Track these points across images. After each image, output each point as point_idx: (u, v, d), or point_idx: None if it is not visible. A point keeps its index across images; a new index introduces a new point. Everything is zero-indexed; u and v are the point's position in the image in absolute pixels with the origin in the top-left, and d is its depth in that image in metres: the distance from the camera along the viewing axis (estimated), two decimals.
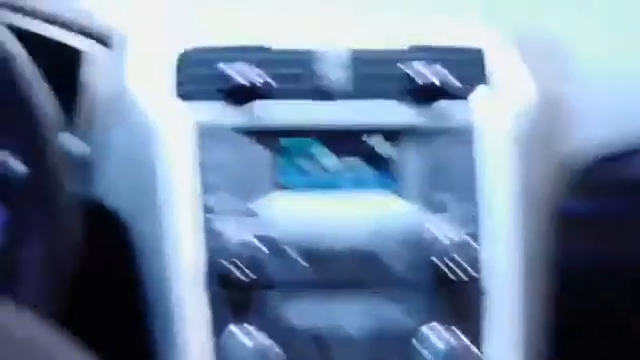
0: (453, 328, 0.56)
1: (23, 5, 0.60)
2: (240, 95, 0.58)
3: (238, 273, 0.54)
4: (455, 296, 0.57)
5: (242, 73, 0.58)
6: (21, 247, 0.50)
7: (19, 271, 0.50)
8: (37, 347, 0.28)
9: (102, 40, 0.61)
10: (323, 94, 0.59)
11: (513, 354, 0.57)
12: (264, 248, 0.55)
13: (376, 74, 0.60)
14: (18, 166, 0.49)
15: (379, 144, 0.59)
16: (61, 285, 0.51)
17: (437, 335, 0.56)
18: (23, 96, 0.49)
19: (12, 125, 0.50)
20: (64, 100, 0.55)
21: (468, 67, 0.61)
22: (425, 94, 0.59)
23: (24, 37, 0.53)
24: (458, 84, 0.59)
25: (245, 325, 0.55)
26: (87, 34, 0.61)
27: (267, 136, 0.58)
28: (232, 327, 0.55)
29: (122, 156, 0.58)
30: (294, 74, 0.60)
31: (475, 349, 0.56)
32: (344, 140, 0.59)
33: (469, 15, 0.65)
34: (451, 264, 0.56)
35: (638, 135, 0.63)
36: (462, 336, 0.56)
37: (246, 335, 0.54)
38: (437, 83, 0.58)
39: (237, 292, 0.55)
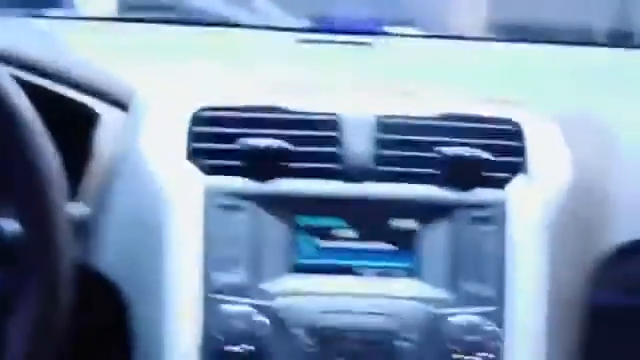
0: None
1: (40, 64, 0.58)
2: (256, 161, 0.54)
3: (236, 348, 0.50)
4: None
5: (259, 136, 0.54)
6: (9, 308, 0.46)
7: (7, 333, 0.46)
8: None
9: (117, 102, 0.58)
10: (347, 173, 0.55)
11: None
12: (267, 322, 0.51)
13: (405, 148, 0.55)
14: (10, 225, 0.46)
15: (406, 226, 0.54)
16: (48, 350, 0.47)
17: None
18: (28, 157, 0.46)
19: (13, 184, 0.47)
20: (73, 160, 0.53)
21: (506, 150, 0.56)
22: (457, 180, 0.54)
23: (39, 95, 0.51)
24: (494, 173, 0.54)
25: None
26: (102, 96, 0.59)
27: (285, 210, 0.54)
28: None
29: (126, 221, 0.54)
30: (315, 139, 0.55)
31: None
32: (369, 220, 0.54)
33: (514, 95, 0.62)
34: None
35: None
36: None
37: None
38: (472, 171, 0.54)
39: None
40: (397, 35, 0.83)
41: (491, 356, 0.52)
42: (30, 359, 0.47)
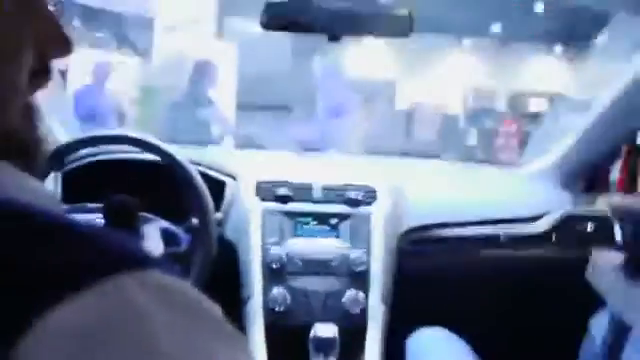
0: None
1: (201, 162, 1.55)
2: (280, 198, 1.50)
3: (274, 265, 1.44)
4: None
5: (284, 188, 1.51)
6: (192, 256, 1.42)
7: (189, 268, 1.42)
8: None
9: (230, 175, 1.56)
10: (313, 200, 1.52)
11: None
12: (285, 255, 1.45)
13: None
14: (186, 238, 1.39)
15: (335, 222, 1.51)
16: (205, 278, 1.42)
17: None
18: (199, 197, 1.42)
19: (192, 209, 1.43)
20: (215, 198, 1.48)
21: (369, 196, 1.53)
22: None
23: (201, 173, 1.47)
24: (365, 200, 1.51)
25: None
26: (224, 173, 1.56)
27: (291, 216, 1.49)
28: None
29: (236, 219, 1.51)
30: (300, 195, 1.52)
31: None
32: (319, 218, 1.49)
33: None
34: None
35: None
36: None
37: None
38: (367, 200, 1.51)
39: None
40: None
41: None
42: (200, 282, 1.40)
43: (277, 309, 1.38)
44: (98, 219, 1.15)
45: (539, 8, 8.30)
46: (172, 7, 7.88)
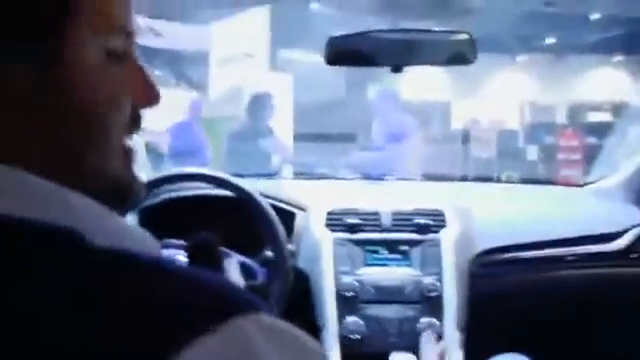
0: None
1: (271, 196, 1.59)
2: (348, 229, 1.52)
3: (347, 293, 1.46)
4: None
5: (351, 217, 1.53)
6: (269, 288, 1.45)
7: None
8: None
9: (300, 207, 1.59)
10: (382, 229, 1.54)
11: None
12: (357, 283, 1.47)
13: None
14: (261, 272, 1.42)
15: (404, 248, 1.51)
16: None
17: None
18: (273, 229, 1.46)
19: (267, 241, 1.46)
20: (286, 229, 1.52)
21: (439, 220, 1.53)
22: (422, 230, 1.52)
23: (272, 206, 1.51)
24: (433, 228, 1.52)
25: None
26: (294, 205, 1.59)
27: (360, 244, 1.51)
28: None
29: (307, 248, 1.53)
30: (367, 223, 1.54)
31: None
32: (388, 245, 1.51)
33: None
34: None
35: None
36: None
37: None
38: (427, 227, 1.51)
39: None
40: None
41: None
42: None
43: (352, 337, 1.39)
44: (180, 256, 1.19)
45: (594, 19, 8.14)
46: (226, 41, 8.10)
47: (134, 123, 0.51)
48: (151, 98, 0.52)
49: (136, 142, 0.54)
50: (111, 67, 0.47)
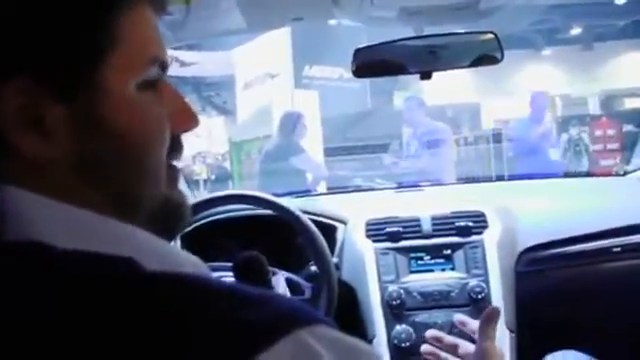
0: None
1: (311, 212, 1.61)
2: (390, 237, 1.52)
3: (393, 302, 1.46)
4: None
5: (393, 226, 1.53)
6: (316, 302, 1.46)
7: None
8: None
9: (341, 220, 1.60)
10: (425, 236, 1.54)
11: None
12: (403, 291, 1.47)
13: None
14: (308, 288, 1.43)
15: (447, 252, 1.51)
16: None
17: None
18: (317, 244, 1.47)
19: (312, 256, 1.47)
20: (328, 242, 1.52)
21: (480, 220, 1.52)
22: (464, 233, 1.52)
23: (314, 221, 1.52)
24: (476, 230, 1.51)
25: None
26: (335, 219, 1.60)
27: (403, 251, 1.51)
28: None
29: (350, 259, 1.54)
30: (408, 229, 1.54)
31: None
32: (432, 250, 1.50)
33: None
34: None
35: None
36: None
37: None
38: (470, 229, 1.51)
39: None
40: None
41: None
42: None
43: (403, 345, 1.39)
44: (226, 277, 1.21)
45: (620, 3, 7.99)
46: (250, 64, 8.20)
47: (176, 147, 0.53)
48: (189, 122, 0.54)
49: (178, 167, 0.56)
50: (148, 96, 0.49)
